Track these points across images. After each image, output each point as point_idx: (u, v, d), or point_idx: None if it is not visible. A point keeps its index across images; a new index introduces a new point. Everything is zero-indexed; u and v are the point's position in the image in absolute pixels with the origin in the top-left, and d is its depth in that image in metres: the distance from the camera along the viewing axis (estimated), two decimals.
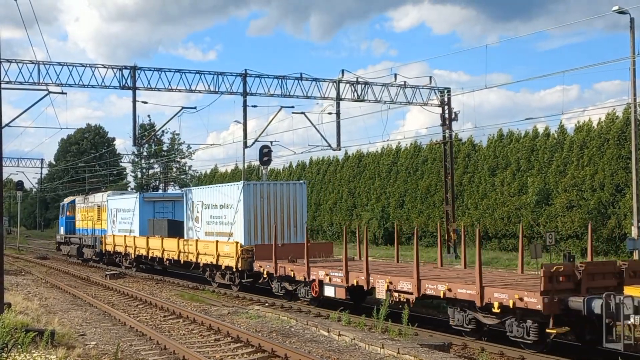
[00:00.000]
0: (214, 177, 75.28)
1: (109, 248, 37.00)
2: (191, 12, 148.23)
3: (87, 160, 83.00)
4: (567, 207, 35.26)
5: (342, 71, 35.22)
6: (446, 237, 37.13)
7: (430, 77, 36.82)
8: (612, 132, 34.43)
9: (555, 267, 12.87)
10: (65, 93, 31.77)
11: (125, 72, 31.99)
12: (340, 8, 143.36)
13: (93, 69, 31.66)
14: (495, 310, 13.37)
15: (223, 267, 24.80)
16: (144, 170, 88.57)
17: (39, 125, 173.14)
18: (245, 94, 33.87)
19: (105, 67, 31.97)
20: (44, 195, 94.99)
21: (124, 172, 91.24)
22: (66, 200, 49.12)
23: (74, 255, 43.90)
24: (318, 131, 35.82)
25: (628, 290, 12.05)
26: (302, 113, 35.97)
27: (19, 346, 11.25)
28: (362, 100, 35.64)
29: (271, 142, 36.07)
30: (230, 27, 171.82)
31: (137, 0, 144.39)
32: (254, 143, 36.16)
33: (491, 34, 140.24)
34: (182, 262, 28.34)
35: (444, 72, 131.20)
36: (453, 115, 36.82)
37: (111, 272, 31.84)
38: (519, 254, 17.14)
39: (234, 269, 23.86)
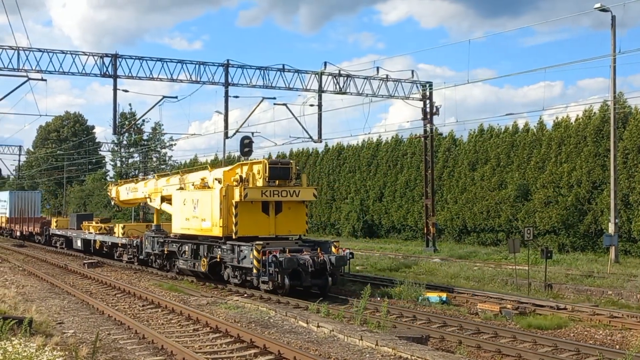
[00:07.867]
0: (192, 167, 74.66)
1: None
2: (181, 0, 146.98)
3: (66, 148, 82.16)
4: (545, 203, 35.64)
5: (325, 63, 35.23)
6: (425, 231, 37.43)
7: (413, 71, 36.95)
8: (589, 129, 34.79)
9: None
10: (45, 80, 31.51)
11: (107, 60, 31.69)
12: (330, 0, 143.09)
13: (74, 56, 31.31)
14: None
15: (3, 227, 55.51)
16: (124, 159, 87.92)
17: (19, 112, 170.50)
18: (227, 84, 33.72)
19: (86, 55, 31.65)
20: (22, 183, 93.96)
21: (104, 161, 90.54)
22: None
23: None
24: (299, 123, 35.77)
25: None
26: (284, 104, 35.88)
27: None
28: (344, 93, 35.67)
29: (252, 133, 36.08)
30: (219, 17, 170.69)
31: None
32: (235, 134, 36.08)
33: (479, 29, 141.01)
34: None
35: (428, 67, 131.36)
36: (434, 109, 36.98)
37: (89, 261, 31.69)
38: None
39: (6, 228, 54.55)
